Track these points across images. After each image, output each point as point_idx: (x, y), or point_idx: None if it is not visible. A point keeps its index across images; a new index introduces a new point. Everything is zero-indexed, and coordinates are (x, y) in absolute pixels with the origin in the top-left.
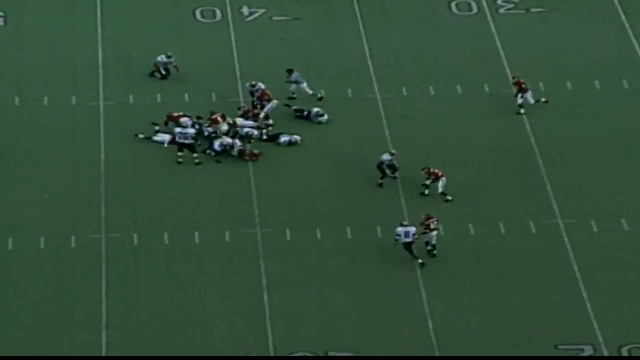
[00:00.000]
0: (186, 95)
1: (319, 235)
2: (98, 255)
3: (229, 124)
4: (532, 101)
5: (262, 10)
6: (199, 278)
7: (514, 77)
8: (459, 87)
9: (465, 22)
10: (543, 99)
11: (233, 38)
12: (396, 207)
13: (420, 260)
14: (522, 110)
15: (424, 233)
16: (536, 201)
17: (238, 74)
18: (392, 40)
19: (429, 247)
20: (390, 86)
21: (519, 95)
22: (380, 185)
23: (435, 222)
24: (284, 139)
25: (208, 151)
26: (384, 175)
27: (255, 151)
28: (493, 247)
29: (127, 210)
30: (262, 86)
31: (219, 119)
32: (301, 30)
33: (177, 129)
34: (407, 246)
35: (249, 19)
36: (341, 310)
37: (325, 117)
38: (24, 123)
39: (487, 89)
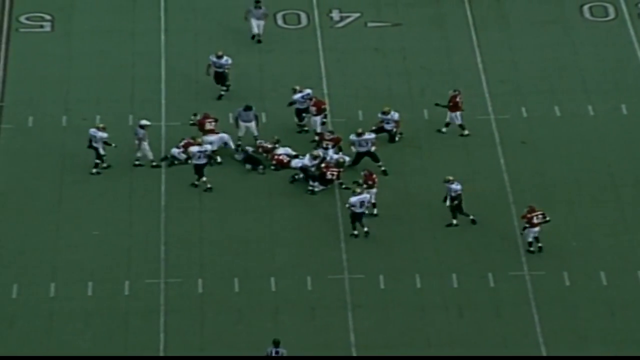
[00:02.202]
0: (264, 115)
1: (418, 284)
2: (156, 304)
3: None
4: (457, 121)
5: (356, 15)
6: (275, 332)
7: (454, 90)
8: (590, 108)
9: (600, 29)
10: (466, 132)
11: (320, 47)
12: (512, 250)
13: (366, 229)
14: (465, 132)
15: (525, 228)
16: None
17: (325, 90)
18: (510, 50)
19: (532, 248)
20: (507, 105)
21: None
22: (449, 225)
23: (540, 216)
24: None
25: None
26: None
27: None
28: (630, 302)
29: (190, 252)
30: (308, 92)
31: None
32: (401, 38)
33: (196, 148)
34: (359, 217)
35: (340, 24)
36: None
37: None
38: (71, 146)
39: (624, 110)
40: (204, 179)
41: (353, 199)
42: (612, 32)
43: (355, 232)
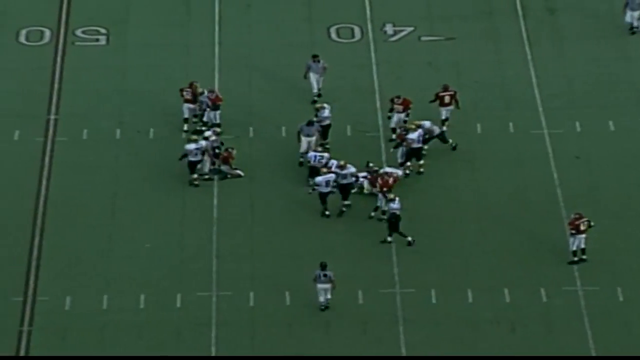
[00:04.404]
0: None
1: (470, 299)
2: (208, 317)
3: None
4: (442, 116)
5: (409, 29)
6: (326, 346)
7: (443, 86)
8: None
9: None
10: (445, 128)
11: (374, 61)
12: (564, 265)
13: (327, 212)
14: (444, 128)
15: (571, 235)
16: None
17: (378, 104)
18: (564, 64)
19: (576, 258)
20: (561, 120)
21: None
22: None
23: (585, 223)
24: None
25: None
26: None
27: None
28: None
29: (242, 265)
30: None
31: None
32: (455, 52)
33: (192, 145)
34: (324, 196)
35: (393, 38)
36: None
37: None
38: (125, 159)
39: None
40: (195, 175)
41: (319, 179)
42: None
43: (327, 213)
